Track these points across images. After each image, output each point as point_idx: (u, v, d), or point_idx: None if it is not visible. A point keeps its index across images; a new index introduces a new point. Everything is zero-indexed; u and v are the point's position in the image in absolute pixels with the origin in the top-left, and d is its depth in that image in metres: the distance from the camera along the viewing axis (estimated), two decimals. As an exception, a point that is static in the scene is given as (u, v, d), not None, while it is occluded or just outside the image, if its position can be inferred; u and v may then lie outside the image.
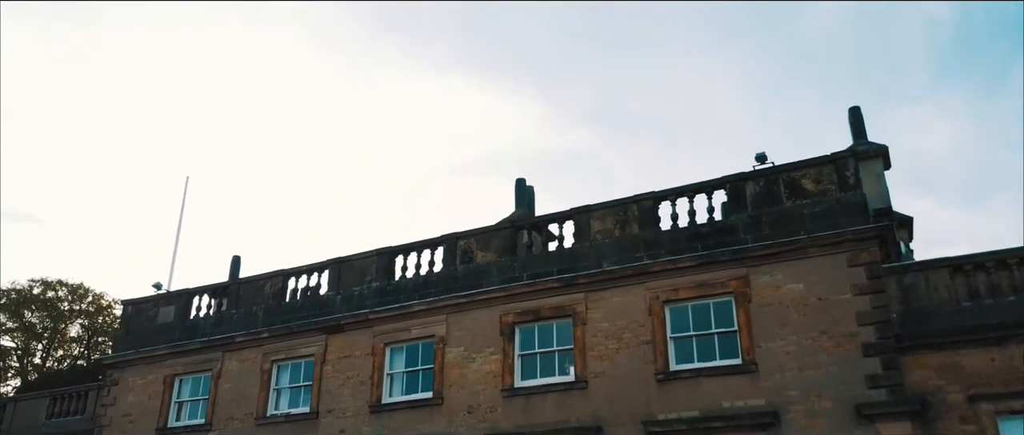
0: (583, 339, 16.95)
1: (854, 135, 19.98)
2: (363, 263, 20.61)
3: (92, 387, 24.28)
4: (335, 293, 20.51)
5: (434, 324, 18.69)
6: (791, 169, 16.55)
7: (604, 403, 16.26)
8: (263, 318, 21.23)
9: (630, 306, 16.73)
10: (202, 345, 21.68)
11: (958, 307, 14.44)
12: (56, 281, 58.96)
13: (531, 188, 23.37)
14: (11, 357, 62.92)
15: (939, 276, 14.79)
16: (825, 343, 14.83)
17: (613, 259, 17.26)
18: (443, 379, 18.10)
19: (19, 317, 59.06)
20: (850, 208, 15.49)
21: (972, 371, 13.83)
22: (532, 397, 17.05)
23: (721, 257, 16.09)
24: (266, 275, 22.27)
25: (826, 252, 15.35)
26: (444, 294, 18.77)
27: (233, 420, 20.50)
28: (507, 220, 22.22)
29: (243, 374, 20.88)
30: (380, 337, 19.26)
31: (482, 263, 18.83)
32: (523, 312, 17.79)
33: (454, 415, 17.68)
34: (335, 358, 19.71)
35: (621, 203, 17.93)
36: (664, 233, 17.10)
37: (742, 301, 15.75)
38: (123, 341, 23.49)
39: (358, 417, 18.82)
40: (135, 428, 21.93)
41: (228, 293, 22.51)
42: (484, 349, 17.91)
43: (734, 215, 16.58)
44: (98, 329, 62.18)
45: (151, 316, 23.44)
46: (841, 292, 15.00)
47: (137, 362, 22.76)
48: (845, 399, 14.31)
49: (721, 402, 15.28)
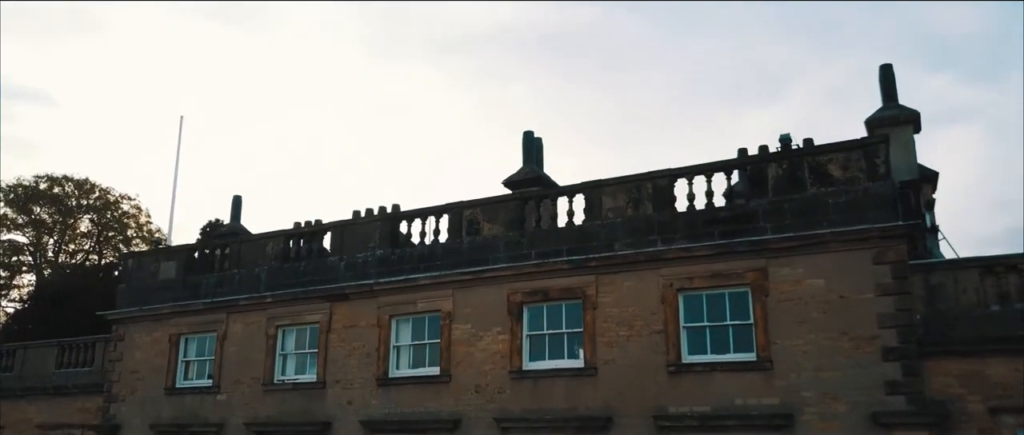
0: (593, 324, 16.50)
1: (884, 96, 18.85)
2: (366, 229, 19.98)
3: (99, 339, 24.21)
4: (339, 259, 19.98)
5: (440, 299, 18.24)
6: (817, 152, 15.56)
7: (614, 393, 15.99)
8: (266, 281, 20.81)
9: (642, 293, 16.18)
10: (205, 306, 21.39)
11: (986, 311, 13.85)
12: (62, 176, 59.01)
13: (539, 140, 22.37)
14: (23, 253, 63.72)
15: (968, 277, 14.12)
16: (844, 344, 14.34)
17: (625, 241, 16.57)
18: (450, 356, 17.82)
19: (27, 212, 59.43)
20: (878, 200, 14.61)
21: (996, 381, 13.39)
22: (540, 381, 16.79)
23: (739, 248, 15.39)
24: (267, 235, 21.70)
25: (850, 247, 14.61)
26: (450, 268, 18.22)
27: (240, 384, 20.45)
28: (515, 177, 21.44)
29: (248, 337, 20.67)
30: (386, 309, 18.87)
31: (489, 236, 18.17)
32: (532, 292, 17.28)
33: (462, 394, 17.51)
34: (340, 327, 19.41)
35: (635, 179, 17.05)
36: (680, 216, 16.31)
37: (759, 294, 15.17)
38: (126, 296, 23.21)
39: (365, 389, 18.70)
40: (144, 386, 21.98)
41: (229, 252, 22.01)
42: (492, 328, 17.52)
43: (754, 200, 15.73)
44: (107, 224, 62.58)
45: (152, 271, 23.07)
46: (864, 291, 14.37)
47: (141, 319, 22.57)
48: (861, 404, 13.96)
49: (734, 399, 14.97)
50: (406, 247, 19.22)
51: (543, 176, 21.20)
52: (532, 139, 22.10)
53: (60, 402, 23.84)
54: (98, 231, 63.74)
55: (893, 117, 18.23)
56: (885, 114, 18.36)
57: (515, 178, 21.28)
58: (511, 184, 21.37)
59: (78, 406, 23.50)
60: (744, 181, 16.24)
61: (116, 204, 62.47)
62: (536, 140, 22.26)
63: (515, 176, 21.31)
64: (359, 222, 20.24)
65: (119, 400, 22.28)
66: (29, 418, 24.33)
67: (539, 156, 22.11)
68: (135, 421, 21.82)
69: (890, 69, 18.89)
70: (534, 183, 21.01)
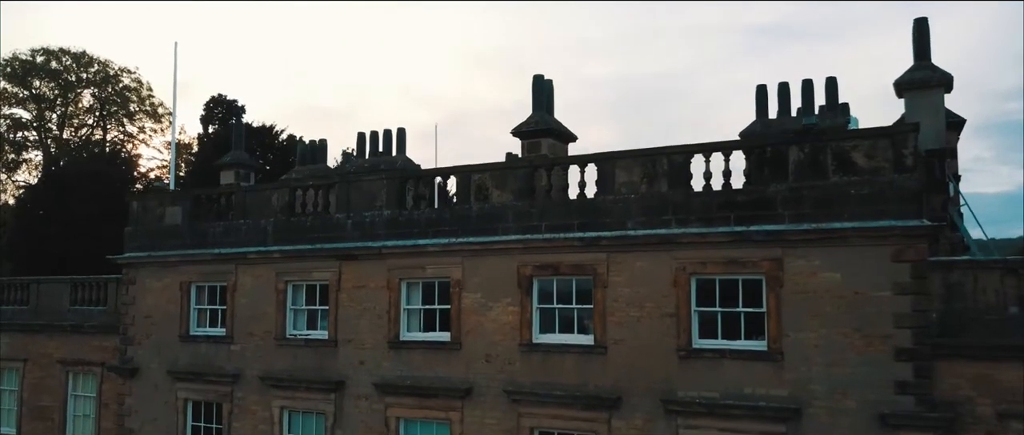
0: (603, 303, 16.41)
1: (916, 53, 17.85)
2: (372, 186, 19.54)
3: (110, 280, 24.33)
4: (346, 216, 19.67)
5: (450, 266, 18.09)
6: (842, 138, 14.88)
7: (623, 373, 16.13)
8: (272, 234, 20.62)
9: (654, 274, 15.97)
10: (213, 257, 21.32)
11: (1004, 314, 13.65)
12: (58, 49, 58.44)
13: (549, 83, 21.46)
14: (28, 129, 63.82)
15: (989, 277, 13.83)
16: (856, 341, 14.26)
17: (638, 219, 16.18)
18: (460, 325, 17.88)
19: (26, 86, 59.16)
20: (903, 195, 14.07)
21: (1007, 386, 13.39)
22: (551, 355, 16.90)
23: (755, 237, 15.02)
24: (272, 186, 21.35)
25: (870, 243, 14.23)
26: (459, 235, 17.95)
27: (252, 336, 20.71)
28: (525, 127, 20.74)
29: (258, 290, 20.72)
30: (395, 272, 18.77)
31: (498, 204, 17.76)
32: (542, 266, 17.09)
33: (472, 362, 17.70)
34: (350, 287, 19.38)
35: (649, 154, 16.44)
36: (695, 196, 15.83)
37: (773, 285, 14.95)
38: (133, 239, 23.11)
39: (377, 350, 18.91)
40: (159, 331, 22.29)
41: (234, 201, 21.68)
42: (502, 298, 17.46)
43: (773, 184, 15.19)
44: (108, 99, 62.14)
45: (158, 215, 22.84)
46: (880, 288, 14.12)
47: (150, 264, 22.58)
48: (870, 402, 14.05)
49: (743, 387, 15.09)
50: (414, 210, 18.86)
51: (553, 127, 20.49)
52: (542, 83, 21.20)
53: (78, 339, 24.29)
54: (99, 105, 63.34)
55: (924, 79, 17.31)
56: (916, 76, 17.42)
57: (524, 128, 20.59)
58: (521, 134, 20.72)
59: (95, 344, 23.97)
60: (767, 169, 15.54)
61: (116, 78, 61.91)
62: (547, 84, 21.36)
63: (524, 126, 20.60)
64: (364, 179, 19.81)
65: (135, 343, 22.68)
66: (49, 353, 24.89)
67: (549, 102, 21.29)
68: (152, 365, 22.30)
69: (925, 24, 17.76)
70: (545, 134, 20.37)
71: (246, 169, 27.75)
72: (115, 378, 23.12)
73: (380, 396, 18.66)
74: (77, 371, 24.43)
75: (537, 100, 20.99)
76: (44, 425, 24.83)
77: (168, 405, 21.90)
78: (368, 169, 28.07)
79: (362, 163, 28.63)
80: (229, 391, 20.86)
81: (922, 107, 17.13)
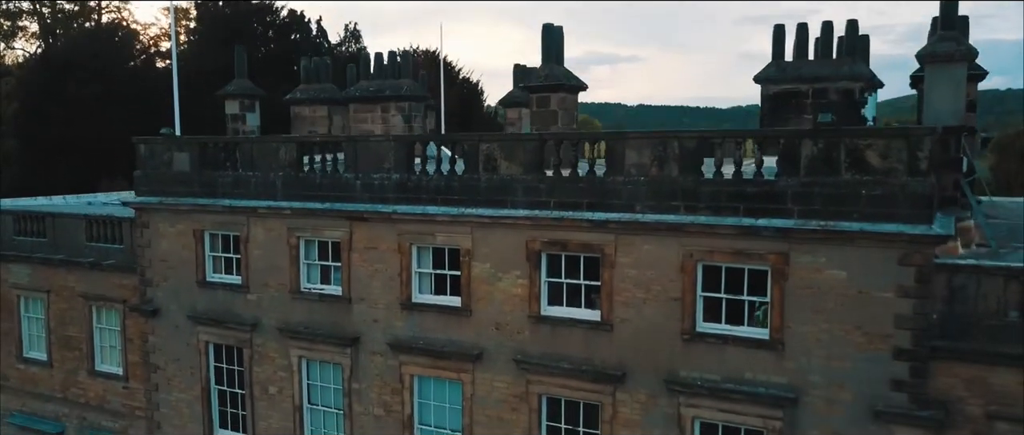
0: (611, 282, 16.73)
1: (943, 22, 17.20)
2: (380, 147, 19.41)
3: (124, 219, 24.59)
4: (354, 176, 19.66)
5: (459, 236, 18.30)
6: (857, 135, 14.61)
7: (629, 351, 16.70)
8: (282, 189, 20.67)
9: (661, 258, 16.18)
10: (224, 209, 21.50)
11: (1003, 320, 13.93)
12: None
13: (559, 30, 20.76)
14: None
15: (992, 283, 13.99)
16: (857, 338, 14.66)
17: (647, 203, 16.21)
18: (471, 292, 18.31)
19: None
20: (915, 199, 14.01)
21: (999, 389, 13.88)
22: (558, 328, 17.43)
23: (763, 232, 15.09)
24: (279, 140, 21.22)
25: (877, 245, 14.32)
26: (468, 205, 18.03)
27: (268, 287, 21.26)
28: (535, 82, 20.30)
29: (271, 243, 21.04)
30: (406, 236, 19.00)
31: (506, 176, 17.71)
32: (550, 242, 17.28)
33: (483, 328, 18.28)
34: (362, 247, 19.68)
35: (661, 137, 16.22)
36: (705, 184, 15.75)
37: (779, 278, 15.18)
38: (143, 183, 23.19)
39: (390, 310, 19.48)
40: (176, 275, 22.85)
41: (241, 153, 21.59)
42: (511, 270, 17.79)
43: (783, 178, 15.09)
44: None
45: (166, 160, 22.81)
46: (884, 289, 14.36)
47: (162, 209, 22.80)
48: (866, 396, 14.65)
49: (744, 372, 15.68)
50: (422, 176, 18.83)
51: (564, 81, 20.03)
52: (552, 32, 20.54)
53: (97, 275, 24.90)
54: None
55: (947, 53, 16.70)
56: (938, 49, 16.80)
57: (535, 83, 20.14)
58: (531, 89, 20.32)
59: (115, 282, 24.60)
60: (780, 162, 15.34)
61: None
62: (556, 32, 20.69)
63: (534, 81, 20.15)
64: (372, 140, 19.65)
65: (154, 285, 23.32)
66: (71, 286, 25.61)
67: (560, 52, 20.69)
68: (172, 307, 23.04)
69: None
70: (555, 88, 19.96)
71: (250, 98, 27.38)
72: (138, 316, 23.90)
73: (395, 354, 19.42)
74: (100, 305, 25.22)
75: (547, 52, 20.41)
76: (73, 354, 25.96)
77: (190, 346, 22.83)
78: (373, 94, 27.76)
79: (367, 86, 28.26)
80: (248, 338, 21.68)
81: (943, 81, 16.65)
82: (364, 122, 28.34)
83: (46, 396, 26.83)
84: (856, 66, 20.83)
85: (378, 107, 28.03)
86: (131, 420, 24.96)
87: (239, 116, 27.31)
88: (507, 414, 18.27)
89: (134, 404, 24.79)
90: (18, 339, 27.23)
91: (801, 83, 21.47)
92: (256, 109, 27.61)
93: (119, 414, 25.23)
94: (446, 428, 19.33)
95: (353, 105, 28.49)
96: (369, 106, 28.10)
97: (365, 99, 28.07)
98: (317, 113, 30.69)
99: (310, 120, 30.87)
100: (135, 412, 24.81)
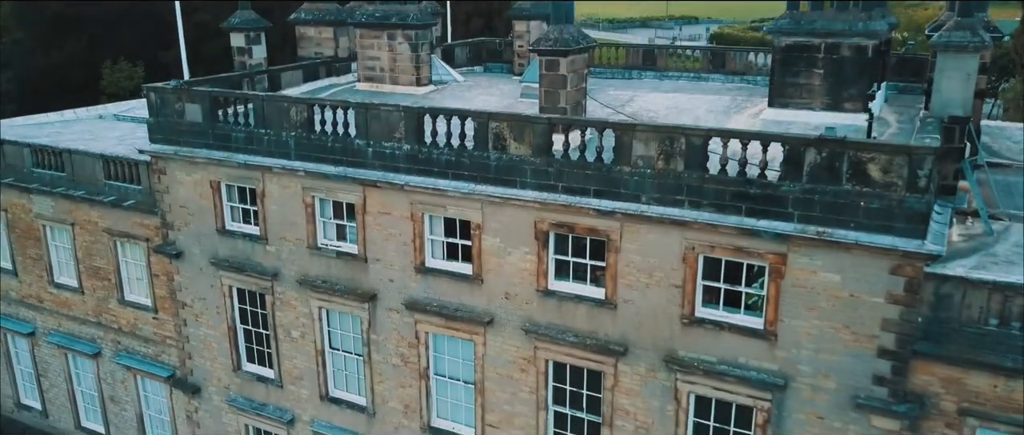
0: (615, 265, 17.53)
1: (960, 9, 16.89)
2: (390, 116, 19.60)
3: (140, 162, 25.00)
4: (366, 142, 19.99)
5: (470, 210, 18.91)
6: (860, 148, 14.88)
7: (631, 329, 17.76)
8: (295, 149, 21.04)
9: (664, 247, 16.89)
10: (239, 165, 21.95)
11: (983, 329, 14.81)
12: None
13: None
14: None
15: (977, 295, 14.76)
16: (845, 336, 15.63)
17: (653, 195, 16.71)
18: (482, 264, 19.17)
19: None
20: (911, 216, 14.50)
21: (973, 389, 15.00)
22: (565, 302, 18.42)
23: (763, 235, 15.69)
24: (290, 100, 21.28)
25: (871, 254, 14.97)
26: (478, 182, 18.52)
27: (286, 241, 22.12)
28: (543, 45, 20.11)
29: (286, 200, 21.67)
30: (418, 206, 19.61)
31: (515, 156, 18.08)
32: (558, 223, 17.92)
33: (494, 297, 19.29)
34: (375, 212, 20.34)
35: (669, 130, 16.46)
36: (710, 180, 16.17)
37: (776, 276, 15.95)
38: (157, 130, 23.47)
39: (405, 272, 20.42)
40: (196, 221, 23.65)
41: (252, 109, 21.75)
42: (520, 246, 18.55)
43: (786, 183, 15.50)
44: None
45: (178, 110, 22.98)
46: (875, 295, 15.16)
47: (177, 159, 23.25)
48: (849, 387, 15.82)
49: (737, 357, 16.80)
50: (433, 148, 19.15)
51: (573, 46, 19.77)
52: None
53: (119, 213, 25.64)
54: None
55: (961, 44, 16.56)
56: (953, 39, 16.64)
57: (543, 45, 19.92)
58: (539, 52, 20.16)
59: (137, 221, 25.40)
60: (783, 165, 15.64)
61: None
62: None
63: (543, 44, 19.92)
64: (382, 109, 19.76)
65: (175, 229, 24.18)
66: (94, 221, 26.47)
67: (570, 11, 20.31)
68: (195, 251, 24.01)
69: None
70: (564, 53, 19.81)
71: (255, 30, 27.02)
72: (162, 255, 24.93)
73: (410, 313, 20.57)
74: (124, 241, 26.19)
75: (557, 12, 20.06)
76: (102, 284, 27.24)
77: (214, 288, 24.02)
78: (379, 21, 27.36)
79: (373, 11, 27.81)
80: (269, 285, 22.79)
81: (954, 70, 16.63)
82: (370, 49, 28.13)
83: (81, 319, 28.40)
84: (872, 22, 20.53)
85: (384, 34, 27.70)
86: (164, 347, 26.60)
87: (245, 49, 27.04)
88: (516, 374, 19.64)
89: (164, 333, 26.33)
90: (49, 265, 28.45)
91: (814, 37, 21.26)
92: (262, 41, 27.28)
93: (151, 341, 26.84)
94: (460, 379, 20.81)
95: (359, 30, 28.13)
96: (375, 32, 27.77)
97: (371, 25, 27.69)
98: (323, 34, 30.38)
99: (316, 41, 30.61)
100: (166, 340, 26.40)
